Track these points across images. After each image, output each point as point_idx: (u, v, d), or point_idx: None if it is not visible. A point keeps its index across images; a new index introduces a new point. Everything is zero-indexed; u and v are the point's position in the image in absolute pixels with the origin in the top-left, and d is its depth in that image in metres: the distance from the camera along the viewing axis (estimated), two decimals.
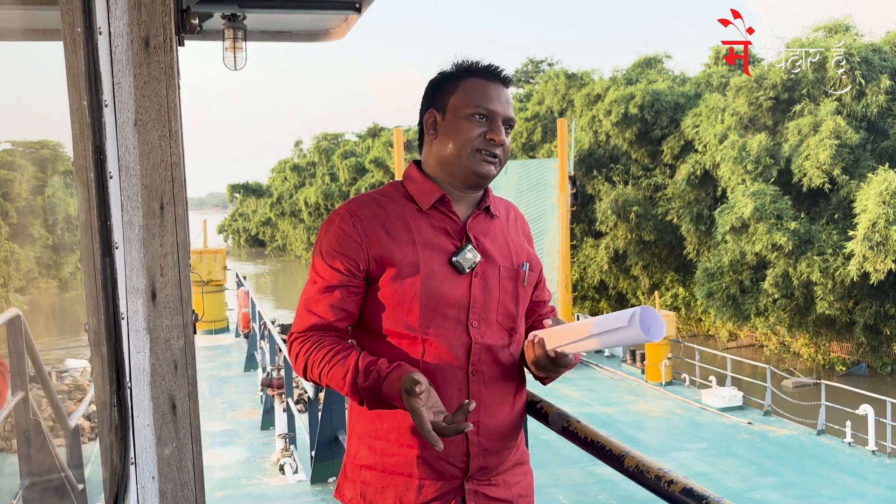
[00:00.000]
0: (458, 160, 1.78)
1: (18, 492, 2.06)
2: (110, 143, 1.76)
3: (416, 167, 1.87)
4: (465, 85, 1.80)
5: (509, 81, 1.84)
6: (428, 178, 1.83)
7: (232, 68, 4.70)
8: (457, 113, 1.79)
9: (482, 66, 1.83)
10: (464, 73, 1.82)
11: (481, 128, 1.77)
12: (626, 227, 27.40)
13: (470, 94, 1.79)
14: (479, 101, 1.77)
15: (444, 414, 1.59)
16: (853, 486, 11.32)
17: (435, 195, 1.80)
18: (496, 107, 1.78)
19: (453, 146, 1.78)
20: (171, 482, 1.88)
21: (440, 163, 1.81)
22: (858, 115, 22.67)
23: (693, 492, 1.42)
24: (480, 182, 1.80)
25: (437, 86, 1.85)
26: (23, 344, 2.20)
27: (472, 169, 1.77)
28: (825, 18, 23.93)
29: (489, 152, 1.77)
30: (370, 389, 1.66)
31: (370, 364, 1.67)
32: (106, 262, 1.72)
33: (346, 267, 1.75)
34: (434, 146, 1.83)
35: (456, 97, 1.80)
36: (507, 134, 1.81)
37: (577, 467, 10.72)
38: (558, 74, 34.46)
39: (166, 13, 1.81)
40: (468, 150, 1.77)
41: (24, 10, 1.93)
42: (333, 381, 1.72)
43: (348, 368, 1.69)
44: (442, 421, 1.57)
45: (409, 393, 1.56)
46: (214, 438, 9.38)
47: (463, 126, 1.77)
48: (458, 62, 1.85)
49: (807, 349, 23.91)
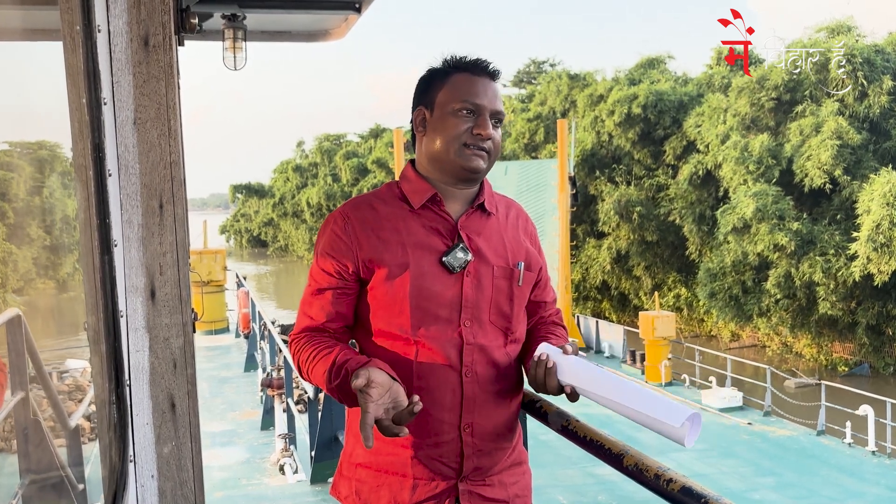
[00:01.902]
0: (447, 155, 1.77)
1: (18, 491, 2.06)
2: (109, 141, 1.76)
3: (411, 166, 1.87)
4: (452, 80, 1.80)
5: (497, 75, 1.83)
6: (422, 177, 1.83)
7: (232, 68, 4.70)
8: (444, 108, 1.79)
9: (469, 60, 1.82)
10: (451, 68, 1.82)
11: (468, 123, 1.77)
12: (629, 228, 27.38)
13: (456, 89, 1.78)
14: (465, 95, 1.77)
15: (397, 411, 1.55)
16: (853, 486, 11.30)
17: (426, 194, 1.80)
18: (482, 101, 1.77)
19: (441, 142, 1.78)
20: (171, 481, 1.88)
21: (430, 159, 1.81)
22: (861, 115, 22.64)
23: (692, 491, 1.42)
24: (470, 176, 1.80)
25: (426, 83, 1.85)
26: (23, 344, 2.20)
27: (461, 164, 1.77)
28: (827, 19, 23.92)
29: (477, 146, 1.76)
30: (340, 387, 1.65)
31: (343, 361, 1.66)
32: (105, 260, 1.72)
33: (336, 269, 1.76)
34: (424, 143, 1.83)
35: (443, 93, 1.80)
36: (496, 128, 1.80)
37: (576, 468, 10.71)
38: (561, 75, 34.43)
39: (165, 12, 1.81)
40: (456, 146, 1.76)
41: (24, 9, 1.93)
42: (317, 379, 1.73)
43: (327, 366, 1.68)
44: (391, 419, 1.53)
45: (360, 389, 1.53)
46: (214, 439, 9.39)
47: (450, 121, 1.77)
48: (446, 58, 1.84)
49: (809, 350, 23.89)
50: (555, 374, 1.72)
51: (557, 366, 1.72)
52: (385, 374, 1.57)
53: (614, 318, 28.82)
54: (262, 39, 4.59)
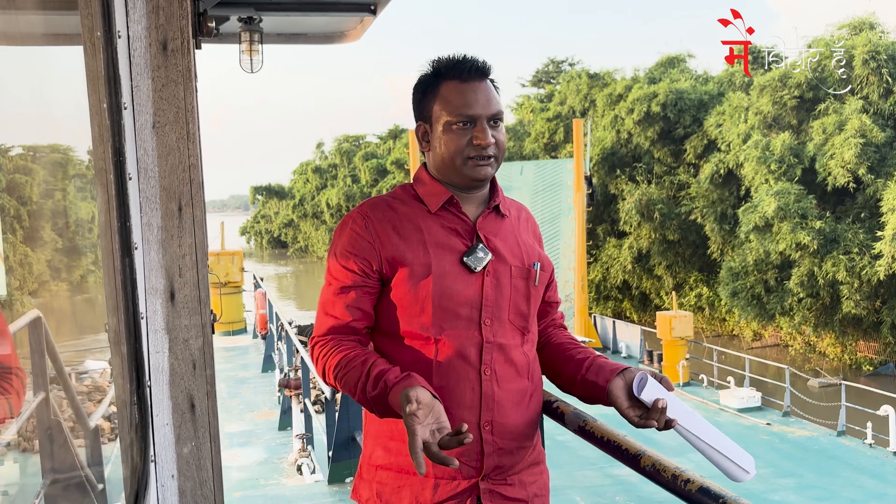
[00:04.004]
0: (453, 169, 1.77)
1: (41, 491, 2.08)
2: (129, 145, 1.78)
3: (424, 169, 1.87)
4: (443, 92, 1.77)
5: (488, 71, 1.79)
6: (436, 179, 1.83)
7: (248, 71, 4.72)
8: (440, 124, 1.77)
9: (455, 64, 1.78)
10: (439, 77, 1.79)
11: (466, 135, 1.75)
12: (650, 227, 27.21)
13: (448, 102, 1.76)
14: (457, 109, 1.75)
15: (443, 430, 1.53)
16: (874, 487, 11.16)
17: (443, 197, 1.80)
18: (476, 110, 1.75)
19: (445, 157, 1.78)
20: (191, 480, 1.89)
21: (439, 171, 1.82)
22: (885, 113, 22.37)
23: (710, 491, 1.41)
24: (480, 185, 1.81)
25: (419, 94, 1.83)
26: (44, 345, 2.23)
27: (469, 175, 1.77)
28: (848, 17, 23.66)
29: (480, 156, 1.75)
30: (377, 399, 1.64)
31: (381, 373, 1.65)
32: (125, 262, 1.73)
33: (360, 267, 1.76)
34: (430, 156, 1.83)
35: (437, 107, 1.78)
36: (497, 126, 1.78)
37: (593, 468, 10.65)
38: (580, 74, 34.31)
39: (183, 17, 1.83)
40: (459, 160, 1.76)
41: (45, 15, 1.96)
42: (347, 387, 1.72)
43: (360, 376, 1.68)
44: (437, 442, 1.50)
45: (405, 410, 1.51)
46: (232, 439, 9.44)
47: (448, 137, 1.76)
48: (433, 62, 1.81)
49: (833, 349, 23.64)
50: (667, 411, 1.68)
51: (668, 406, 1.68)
52: (428, 393, 1.56)
53: (635, 318, 28.66)
54: (279, 42, 4.61)
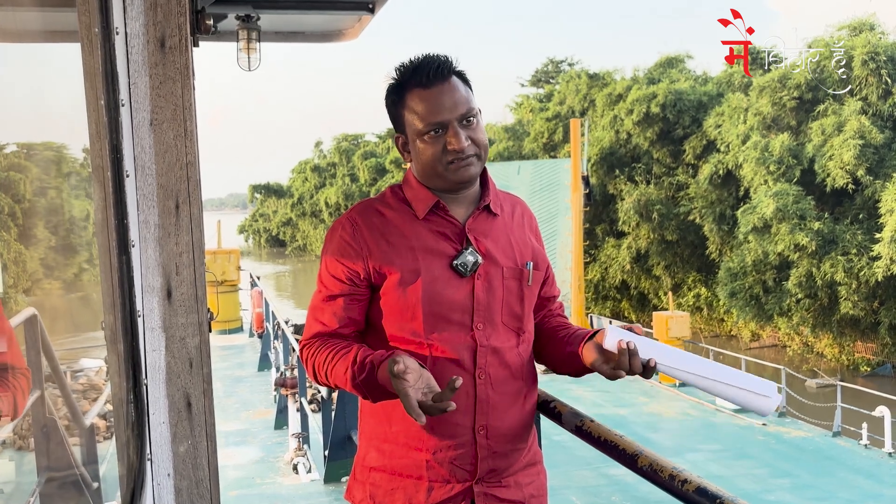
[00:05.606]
0: (436, 175, 1.76)
1: (36, 489, 2.08)
2: (126, 142, 1.77)
3: (412, 172, 1.86)
4: (409, 102, 1.75)
5: (451, 70, 1.75)
6: (422, 184, 1.82)
7: (246, 69, 4.72)
8: (413, 134, 1.76)
9: (416, 69, 1.74)
10: (403, 86, 1.76)
11: (440, 141, 1.72)
12: (649, 227, 27.23)
13: (415, 112, 1.74)
14: (425, 117, 1.72)
15: (433, 393, 1.56)
16: (869, 488, 11.17)
17: (429, 202, 1.79)
18: (444, 116, 1.71)
19: (425, 166, 1.76)
20: (187, 479, 1.89)
21: (423, 178, 1.81)
22: (884, 114, 22.39)
23: (707, 491, 1.41)
24: (466, 186, 1.79)
25: (389, 106, 1.82)
26: (39, 343, 2.22)
27: (452, 179, 1.75)
28: (848, 17, 23.69)
29: (459, 158, 1.73)
30: (367, 381, 1.66)
31: (367, 356, 1.67)
32: (122, 259, 1.73)
33: (348, 276, 1.76)
34: (412, 165, 1.82)
35: (407, 117, 1.76)
36: (471, 124, 1.74)
37: (590, 468, 10.65)
38: (580, 74, 34.31)
39: (181, 14, 1.82)
40: (440, 167, 1.74)
41: (42, 12, 1.95)
42: (337, 378, 1.72)
43: (348, 364, 1.69)
44: (430, 400, 1.54)
45: (395, 375, 1.53)
46: (228, 438, 9.43)
47: (423, 147, 1.74)
48: (397, 70, 1.78)
49: (831, 349, 23.67)
50: (637, 353, 1.68)
51: (637, 347, 1.69)
52: (415, 361, 1.58)
53: (634, 318, 28.68)
54: (276, 40, 4.61)
